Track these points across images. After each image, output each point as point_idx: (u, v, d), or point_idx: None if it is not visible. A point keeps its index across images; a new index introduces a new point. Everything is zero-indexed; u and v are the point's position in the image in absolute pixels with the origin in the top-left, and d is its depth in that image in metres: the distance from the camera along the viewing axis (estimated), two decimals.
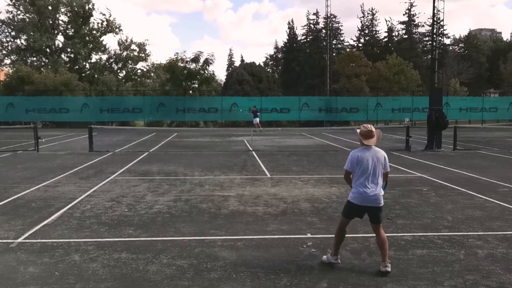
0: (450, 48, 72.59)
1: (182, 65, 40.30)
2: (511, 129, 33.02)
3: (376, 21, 70.94)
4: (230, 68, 68.42)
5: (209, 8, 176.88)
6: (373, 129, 5.12)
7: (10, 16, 46.60)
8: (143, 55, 50.70)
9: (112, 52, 50.51)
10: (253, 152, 16.98)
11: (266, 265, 5.12)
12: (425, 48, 65.86)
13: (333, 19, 65.37)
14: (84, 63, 49.46)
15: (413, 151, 17.30)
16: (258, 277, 4.77)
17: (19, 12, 46.87)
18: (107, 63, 50.73)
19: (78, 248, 5.71)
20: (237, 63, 74.69)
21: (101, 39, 49.63)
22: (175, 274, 4.85)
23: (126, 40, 50.37)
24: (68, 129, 32.86)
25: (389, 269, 4.87)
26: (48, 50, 47.45)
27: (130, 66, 51.17)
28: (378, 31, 71.50)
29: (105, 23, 48.76)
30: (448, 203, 8.26)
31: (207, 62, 40.56)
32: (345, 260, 5.27)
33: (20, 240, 6.08)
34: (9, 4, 46.18)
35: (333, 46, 63.67)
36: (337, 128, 32.29)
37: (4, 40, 47.56)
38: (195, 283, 4.61)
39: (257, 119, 30.36)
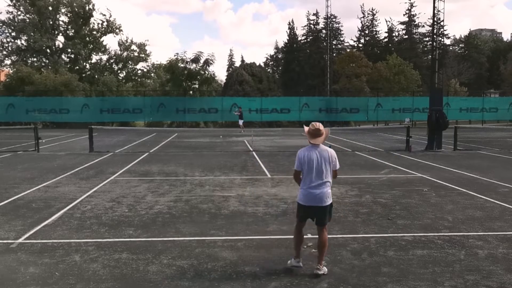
0: (450, 48, 72.57)
1: (182, 65, 40.30)
2: (511, 130, 33.02)
3: (376, 21, 70.95)
4: (230, 69, 68.40)
5: (209, 9, 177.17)
6: (321, 128, 5.06)
7: (11, 16, 46.64)
8: (143, 55, 50.69)
9: (113, 52, 50.54)
10: (254, 153, 16.97)
11: (266, 265, 5.12)
12: (425, 49, 65.81)
13: (333, 20, 65.37)
14: (84, 63, 49.46)
15: (414, 151, 17.29)
16: (259, 277, 4.77)
17: (19, 12, 46.88)
18: (107, 64, 50.73)
19: (79, 249, 5.71)
20: (237, 63, 74.77)
21: (101, 39, 49.65)
22: (175, 275, 4.85)
23: (127, 41, 50.39)
24: (68, 129, 32.87)
25: (320, 272, 4.79)
26: (48, 50, 47.47)
27: (130, 66, 51.16)
28: (378, 32, 71.52)
29: (105, 23, 48.77)
30: (449, 204, 8.26)
31: (207, 62, 40.57)
32: (345, 261, 5.27)
33: (20, 240, 6.08)
34: (9, 5, 46.21)
35: (333, 46, 63.64)
36: (337, 128, 32.28)
37: (5, 40, 47.61)
38: (195, 284, 4.61)
39: (241, 121, 30.13)
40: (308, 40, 68.01)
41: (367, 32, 71.28)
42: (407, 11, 68.46)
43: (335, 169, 5.05)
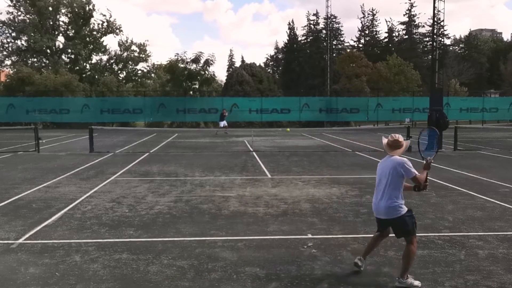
0: (451, 48, 72.53)
1: (182, 65, 40.31)
2: (511, 130, 33.01)
3: (376, 21, 70.92)
4: (231, 69, 68.37)
5: (209, 9, 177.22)
6: (400, 139, 4.79)
7: (11, 17, 46.71)
8: (143, 55, 50.76)
9: (113, 52, 50.61)
10: (254, 153, 16.97)
11: (266, 265, 5.12)
12: (426, 49, 65.79)
13: (333, 20, 65.36)
14: (84, 64, 49.50)
15: (414, 151, 17.26)
16: (259, 277, 4.77)
17: (19, 13, 46.94)
18: (107, 64, 50.78)
19: (79, 249, 5.71)
20: (238, 63, 74.83)
21: (101, 40, 49.71)
22: (175, 275, 4.85)
23: (127, 41, 50.47)
24: (68, 129, 32.88)
25: (399, 285, 4.52)
26: (48, 51, 47.50)
27: (130, 66, 51.23)
28: (378, 32, 71.49)
29: (105, 24, 48.83)
30: (449, 204, 8.26)
31: (207, 62, 40.58)
32: (345, 261, 5.27)
33: (20, 241, 6.08)
34: (9, 5, 46.27)
35: (334, 46, 63.63)
36: (338, 128, 32.29)
37: (5, 41, 47.66)
38: (195, 284, 4.61)
39: (223, 123, 29.56)
40: (308, 40, 68.00)
41: (367, 32, 71.27)
42: (407, 11, 68.48)
43: (408, 177, 4.67)
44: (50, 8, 46.73)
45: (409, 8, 68.19)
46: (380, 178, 4.78)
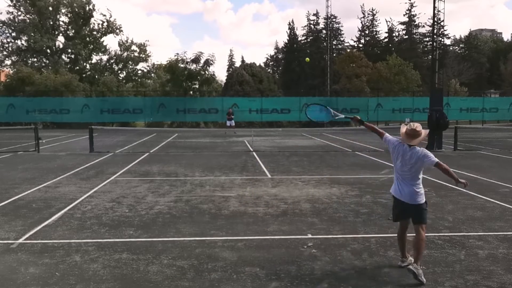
0: (451, 48, 72.51)
1: (182, 65, 40.29)
2: (511, 130, 33.01)
3: (376, 21, 70.85)
4: (231, 69, 68.37)
5: (209, 9, 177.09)
6: (419, 128, 4.90)
7: (11, 17, 46.72)
8: (143, 55, 50.76)
9: (113, 52, 50.61)
10: (254, 153, 16.97)
11: (266, 265, 5.12)
12: (426, 49, 65.77)
13: (333, 20, 65.36)
14: (84, 63, 49.50)
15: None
16: (259, 277, 4.77)
17: (19, 13, 46.95)
18: (107, 64, 50.77)
19: (79, 249, 5.71)
20: (238, 63, 74.79)
21: (101, 40, 49.72)
22: (175, 275, 4.85)
23: (127, 41, 50.47)
24: (68, 129, 32.89)
25: (414, 270, 4.60)
26: (48, 51, 47.50)
27: (130, 66, 51.22)
28: (378, 32, 71.43)
29: (105, 23, 48.84)
30: (449, 204, 8.26)
31: (207, 62, 40.56)
32: (345, 261, 5.27)
33: (20, 240, 6.08)
34: (9, 5, 46.28)
35: (334, 46, 63.63)
36: (338, 128, 32.28)
37: (5, 41, 47.68)
38: (195, 284, 4.61)
39: (230, 122, 29.10)
40: (308, 40, 68.00)
41: (367, 32, 71.23)
42: (407, 11, 68.45)
43: (433, 165, 4.90)
44: (50, 8, 46.73)
45: (409, 8, 68.19)
46: (403, 165, 4.88)
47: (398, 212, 5.07)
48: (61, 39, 48.85)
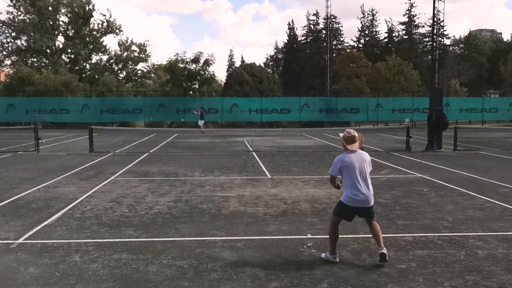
0: (450, 48, 72.61)
1: (182, 65, 40.31)
2: (511, 130, 33.01)
3: (376, 21, 71.04)
4: (231, 69, 68.45)
5: (209, 9, 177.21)
6: (356, 134, 5.29)
7: (11, 17, 46.66)
8: (143, 55, 50.72)
9: (113, 52, 50.56)
10: (254, 153, 16.97)
11: (266, 265, 5.12)
12: (425, 49, 65.86)
13: (333, 20, 65.47)
14: (84, 63, 49.46)
15: (414, 151, 17.29)
16: (259, 277, 4.77)
17: (19, 13, 46.90)
18: (107, 64, 50.74)
19: (79, 249, 5.71)
20: (237, 63, 74.90)
21: (101, 40, 49.66)
22: (175, 275, 4.85)
23: (127, 41, 50.43)
24: (68, 129, 32.88)
25: (385, 251, 5.07)
26: (48, 51, 47.47)
27: (130, 66, 51.18)
28: (378, 32, 71.62)
29: (105, 23, 48.78)
30: (449, 204, 8.26)
31: (207, 62, 40.58)
32: (345, 261, 5.27)
33: (20, 240, 6.08)
34: (9, 5, 46.24)
35: (333, 46, 63.70)
36: (338, 128, 32.29)
37: (5, 41, 47.63)
38: (195, 284, 4.61)
39: (202, 121, 29.77)
40: (308, 40, 68.10)
41: (367, 32, 71.35)
42: (407, 12, 68.59)
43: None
44: (50, 8, 46.70)
45: (409, 8, 68.33)
46: (359, 170, 5.16)
47: (351, 215, 5.31)
48: (61, 39, 48.87)
